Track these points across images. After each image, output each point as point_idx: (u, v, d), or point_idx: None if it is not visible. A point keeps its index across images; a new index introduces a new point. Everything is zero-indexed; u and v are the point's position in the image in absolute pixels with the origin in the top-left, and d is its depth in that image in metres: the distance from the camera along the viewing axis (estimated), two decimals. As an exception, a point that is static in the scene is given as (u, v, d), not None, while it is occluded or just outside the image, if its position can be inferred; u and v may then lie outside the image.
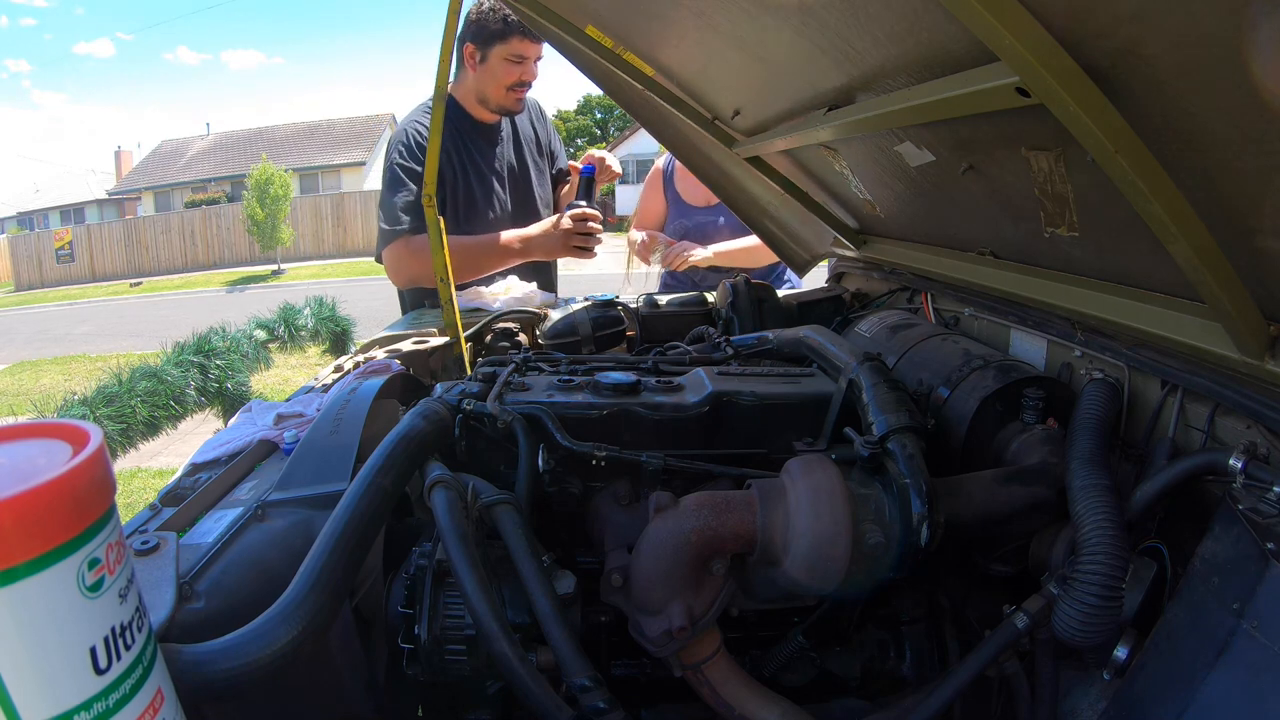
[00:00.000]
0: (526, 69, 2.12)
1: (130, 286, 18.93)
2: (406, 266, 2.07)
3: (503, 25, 2.04)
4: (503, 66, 2.09)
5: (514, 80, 2.12)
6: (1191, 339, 0.84)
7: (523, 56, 2.09)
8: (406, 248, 2.04)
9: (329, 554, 0.70)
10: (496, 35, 2.05)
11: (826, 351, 1.09)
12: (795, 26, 1.07)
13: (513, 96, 2.16)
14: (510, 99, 2.16)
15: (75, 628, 0.40)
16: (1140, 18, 0.58)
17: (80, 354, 10.27)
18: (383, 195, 2.11)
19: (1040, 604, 0.79)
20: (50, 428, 0.47)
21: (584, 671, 0.73)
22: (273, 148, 24.12)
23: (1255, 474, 0.74)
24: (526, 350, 1.19)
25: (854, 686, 0.97)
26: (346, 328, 5.67)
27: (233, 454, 1.16)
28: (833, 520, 0.78)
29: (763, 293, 1.68)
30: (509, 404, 0.96)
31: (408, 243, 2.04)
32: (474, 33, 2.09)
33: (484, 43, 2.07)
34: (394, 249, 2.06)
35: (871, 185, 1.47)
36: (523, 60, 2.10)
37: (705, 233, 2.66)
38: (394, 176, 2.07)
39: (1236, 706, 0.62)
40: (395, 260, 2.07)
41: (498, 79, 2.11)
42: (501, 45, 2.06)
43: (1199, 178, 0.67)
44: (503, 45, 2.06)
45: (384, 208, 2.09)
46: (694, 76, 1.66)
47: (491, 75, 2.11)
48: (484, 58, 2.09)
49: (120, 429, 3.91)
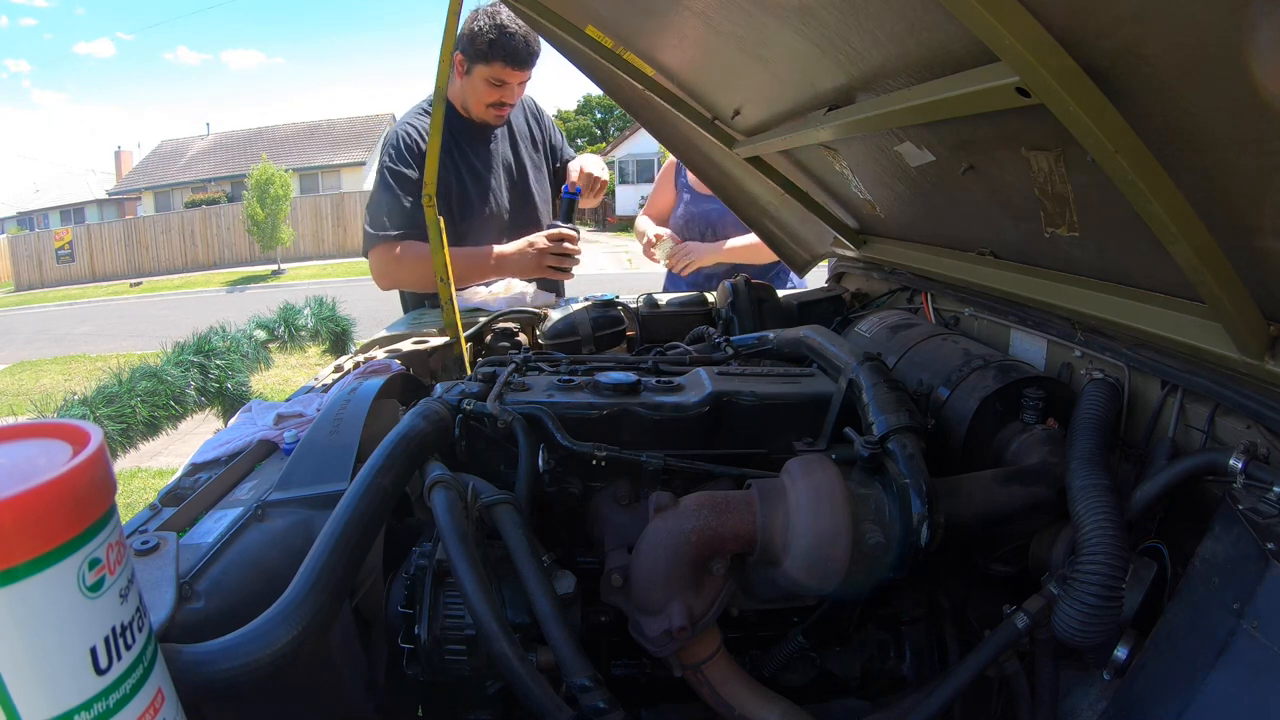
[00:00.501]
0: (506, 93, 2.12)
1: (130, 286, 18.93)
2: (391, 271, 2.08)
3: (487, 47, 2.02)
4: (484, 85, 2.09)
5: (493, 100, 2.13)
6: (1191, 339, 0.84)
7: (503, 81, 2.08)
8: (390, 253, 2.05)
9: (329, 554, 0.70)
10: (481, 55, 2.04)
11: (826, 351, 1.09)
12: (795, 26, 1.07)
13: (492, 113, 2.16)
14: (489, 114, 2.16)
15: (75, 628, 0.40)
16: (1140, 18, 0.58)
17: (80, 354, 10.26)
18: (371, 196, 2.11)
19: (1040, 604, 0.79)
20: (50, 428, 0.47)
21: (584, 671, 0.73)
22: (273, 148, 24.12)
23: (1255, 474, 0.74)
24: (526, 350, 1.19)
25: (854, 686, 0.97)
26: (346, 328, 5.67)
27: (233, 454, 1.16)
28: (833, 520, 0.78)
29: (763, 293, 1.68)
30: (509, 404, 0.96)
31: (391, 248, 2.04)
32: (464, 44, 2.07)
33: (470, 57, 2.07)
34: (378, 253, 2.07)
35: (871, 185, 1.47)
36: (503, 85, 2.09)
37: (714, 220, 2.67)
38: (382, 179, 2.08)
39: (1236, 706, 0.62)
40: (380, 264, 2.08)
41: (478, 95, 2.12)
42: (484, 66, 2.05)
43: (1199, 178, 0.67)
44: (485, 66, 2.05)
45: (370, 209, 2.10)
46: (694, 76, 1.66)
47: (473, 89, 2.11)
48: (469, 70, 2.09)
49: (120, 429, 3.91)
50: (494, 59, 2.03)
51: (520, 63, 2.06)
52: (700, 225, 2.70)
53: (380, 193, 2.08)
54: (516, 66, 2.06)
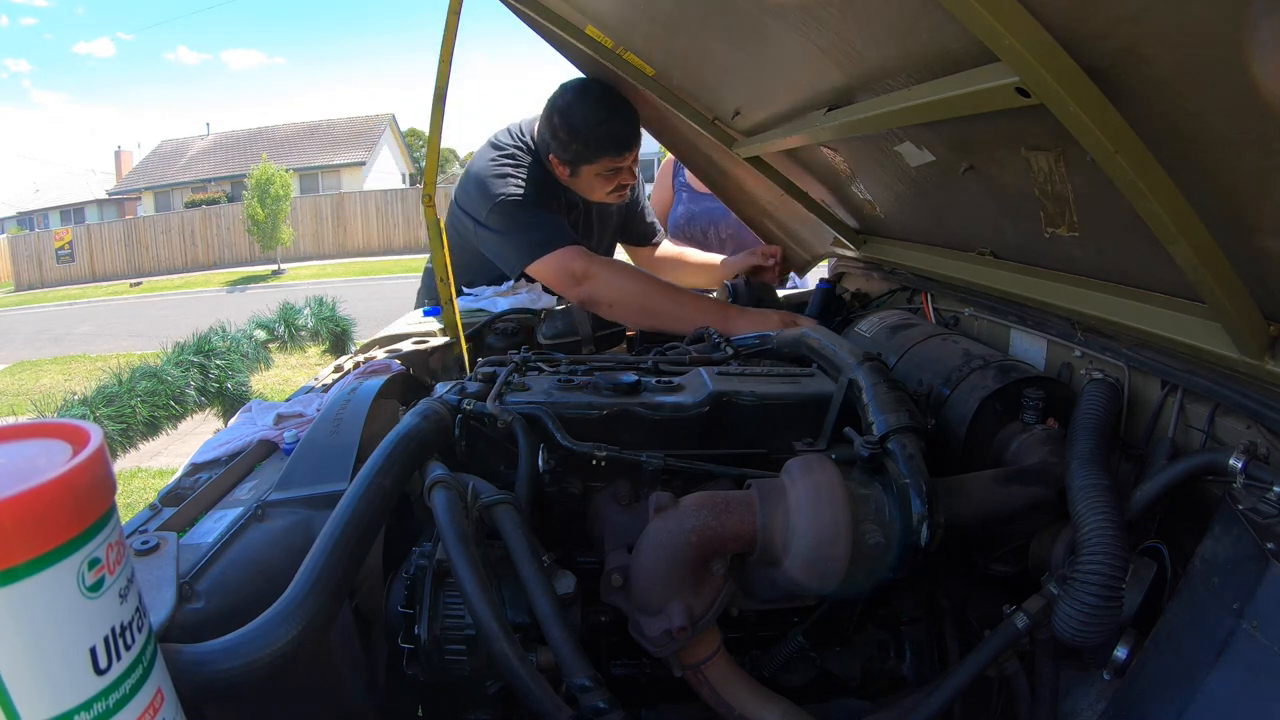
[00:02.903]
0: (625, 175, 1.89)
1: (130, 286, 18.93)
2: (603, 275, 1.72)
3: (587, 148, 1.77)
4: (597, 180, 1.86)
5: (612, 188, 1.90)
6: (1191, 339, 0.84)
7: (619, 168, 1.86)
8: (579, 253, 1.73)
9: (329, 554, 0.70)
10: (583, 157, 1.80)
11: (826, 351, 1.09)
12: (795, 26, 1.07)
13: (613, 197, 1.94)
14: (611, 199, 1.95)
15: (75, 628, 0.40)
16: (1140, 18, 0.58)
17: (80, 354, 10.26)
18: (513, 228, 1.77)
19: (1040, 604, 0.79)
20: (50, 428, 0.47)
21: (584, 671, 0.73)
22: (273, 148, 24.12)
23: (1255, 474, 0.73)
24: (526, 350, 1.19)
25: (854, 686, 0.97)
26: (346, 328, 5.68)
27: (233, 454, 1.16)
28: (833, 520, 0.78)
29: (763, 293, 1.68)
30: (509, 404, 0.96)
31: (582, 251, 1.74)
32: (555, 149, 1.80)
33: (570, 161, 1.81)
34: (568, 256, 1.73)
35: (871, 185, 1.47)
36: (619, 171, 1.86)
37: (712, 219, 2.67)
38: (516, 209, 1.77)
39: (1236, 706, 0.62)
40: (578, 266, 1.73)
41: (593, 189, 1.90)
42: (591, 165, 1.82)
43: (1199, 178, 0.67)
44: (592, 165, 1.82)
45: (531, 229, 1.77)
46: (694, 76, 1.66)
47: (586, 186, 1.89)
48: (574, 173, 1.84)
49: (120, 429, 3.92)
50: (600, 156, 1.80)
51: (631, 143, 1.84)
52: (701, 224, 2.69)
53: (525, 215, 1.78)
54: (629, 149, 1.84)
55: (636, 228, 2.28)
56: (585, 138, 1.77)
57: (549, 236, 1.75)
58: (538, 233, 1.76)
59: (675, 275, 2.22)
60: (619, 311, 1.71)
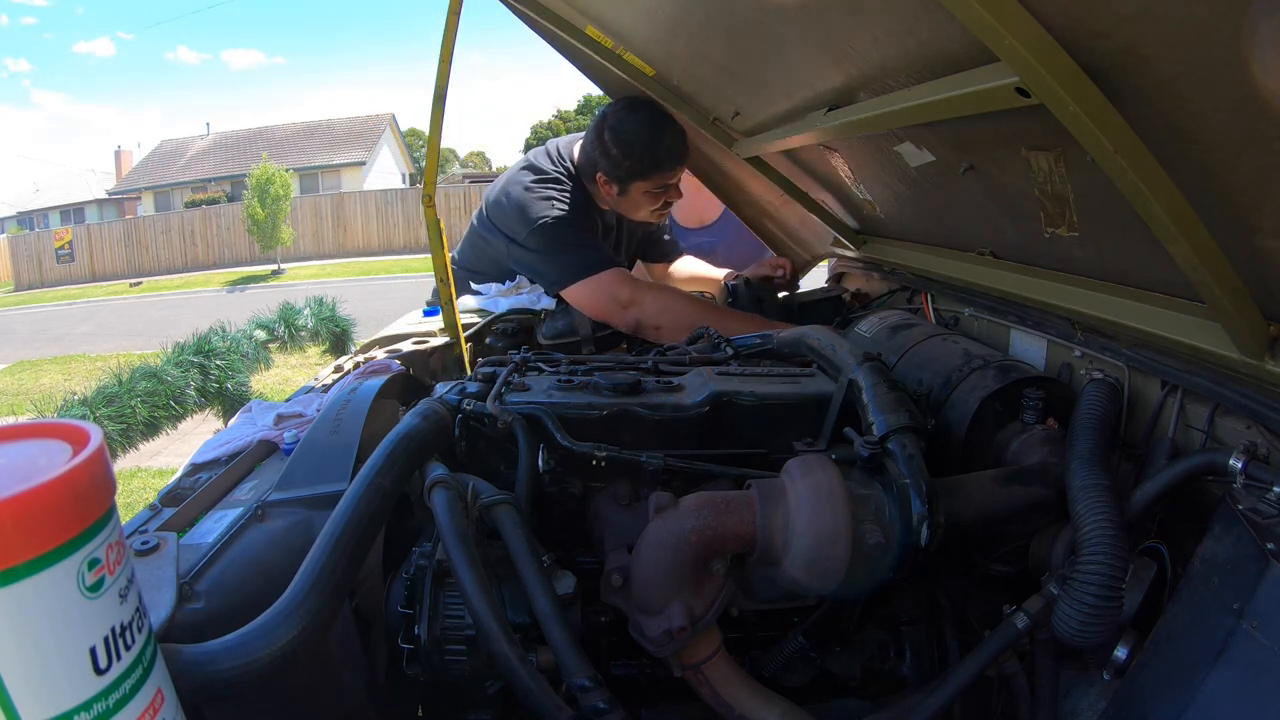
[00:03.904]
0: (672, 192, 1.90)
1: (130, 286, 18.92)
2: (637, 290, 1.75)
3: (641, 165, 1.78)
4: (645, 198, 1.87)
5: (658, 205, 1.91)
6: (1191, 339, 0.84)
7: (668, 185, 1.86)
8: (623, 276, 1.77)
9: (329, 554, 0.70)
10: (636, 174, 1.80)
11: (826, 351, 1.09)
12: (795, 26, 1.07)
13: (657, 215, 1.97)
14: (654, 217, 1.97)
15: (75, 628, 0.40)
16: (1140, 18, 0.58)
17: (80, 354, 10.26)
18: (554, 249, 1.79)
19: (1040, 604, 0.79)
20: (50, 428, 0.47)
21: (584, 672, 0.73)
22: (273, 148, 24.10)
23: (1255, 474, 0.74)
24: (526, 350, 1.18)
25: (854, 686, 0.97)
26: (346, 328, 5.68)
27: (233, 454, 1.16)
28: (833, 520, 0.78)
29: (763, 293, 1.68)
30: (509, 404, 0.96)
31: (626, 276, 1.77)
32: (605, 167, 1.81)
33: (620, 179, 1.81)
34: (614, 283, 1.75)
35: (871, 185, 1.47)
36: (667, 188, 1.87)
37: (705, 254, 2.59)
38: (558, 231, 1.79)
39: (1236, 706, 0.62)
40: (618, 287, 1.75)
41: (641, 208, 1.90)
42: (643, 182, 1.82)
43: (1199, 178, 0.67)
44: (644, 182, 1.82)
45: (574, 251, 1.79)
46: (694, 76, 1.66)
47: (633, 205, 1.89)
48: (623, 191, 1.84)
49: (120, 429, 3.92)
50: (654, 172, 1.80)
51: (683, 158, 1.84)
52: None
53: (570, 238, 1.80)
54: (681, 164, 1.85)
55: (658, 246, 2.31)
56: (639, 154, 1.77)
57: (593, 259, 1.77)
58: (580, 256, 1.78)
59: (687, 289, 2.24)
60: (666, 334, 1.71)
